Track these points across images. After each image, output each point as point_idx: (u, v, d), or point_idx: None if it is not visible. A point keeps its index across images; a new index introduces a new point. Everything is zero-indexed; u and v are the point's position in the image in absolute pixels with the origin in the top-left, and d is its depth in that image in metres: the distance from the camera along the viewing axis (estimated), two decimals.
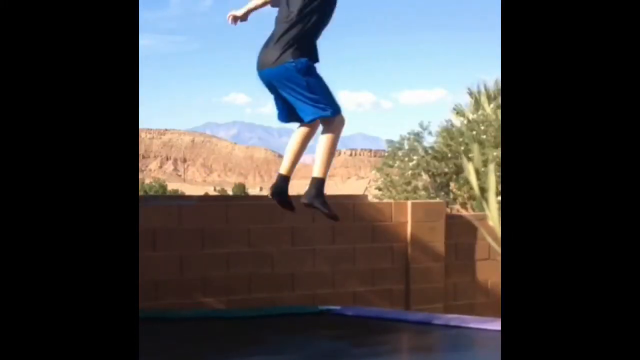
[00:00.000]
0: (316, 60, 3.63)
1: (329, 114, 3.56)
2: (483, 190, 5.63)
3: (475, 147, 6.72)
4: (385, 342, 3.83)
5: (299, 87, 3.52)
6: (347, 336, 3.89)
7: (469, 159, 5.78)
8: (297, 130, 3.74)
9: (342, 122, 3.63)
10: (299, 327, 4.10)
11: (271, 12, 3.69)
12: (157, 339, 3.75)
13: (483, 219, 5.73)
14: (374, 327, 4.11)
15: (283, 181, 3.78)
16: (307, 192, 3.69)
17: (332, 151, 3.67)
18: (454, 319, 4.28)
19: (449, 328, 4.08)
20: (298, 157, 3.79)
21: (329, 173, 3.74)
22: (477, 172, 5.50)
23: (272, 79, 3.58)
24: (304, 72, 3.51)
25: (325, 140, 3.60)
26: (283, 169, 3.76)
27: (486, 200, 5.54)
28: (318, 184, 3.67)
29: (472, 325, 4.02)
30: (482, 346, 3.67)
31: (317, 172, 3.66)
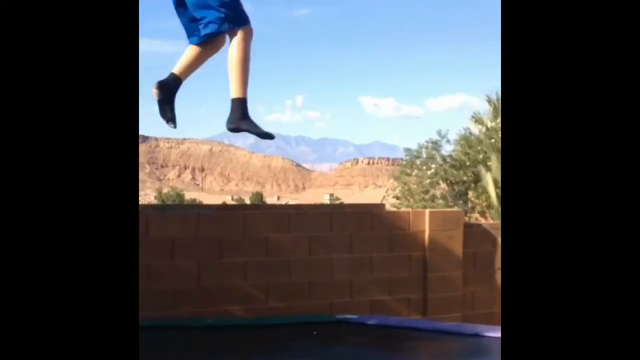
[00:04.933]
0: None
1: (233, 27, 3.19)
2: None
3: (493, 157, 6.68)
4: (405, 350, 3.82)
5: None
6: (367, 343, 3.89)
7: (487, 168, 5.76)
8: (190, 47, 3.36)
9: (250, 33, 3.23)
10: (317, 335, 4.10)
11: (285, 17, 3.61)
12: (172, 347, 3.76)
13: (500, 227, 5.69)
14: (394, 334, 4.10)
15: (173, 79, 3.40)
16: (230, 117, 3.29)
17: (247, 65, 3.23)
18: (474, 327, 4.26)
19: (470, 336, 4.06)
20: (196, 65, 3.42)
21: (346, 182, 3.71)
22: (496, 181, 5.47)
23: None
24: None
25: (236, 55, 3.21)
26: (178, 70, 3.40)
27: None
28: (240, 104, 3.24)
29: (492, 334, 4.00)
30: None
31: (235, 93, 3.24)
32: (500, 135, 8.92)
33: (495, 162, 5.59)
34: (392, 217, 5.45)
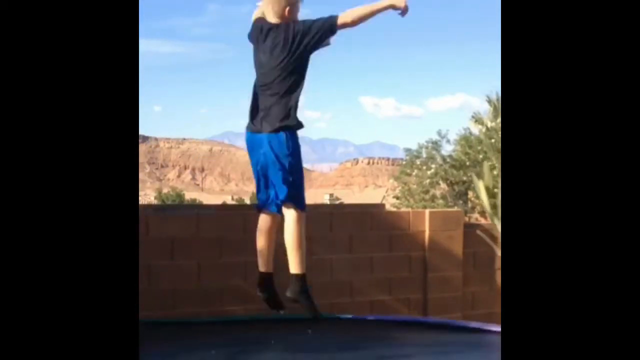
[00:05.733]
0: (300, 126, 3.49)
1: (301, 207, 3.52)
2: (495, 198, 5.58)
3: (485, 164, 6.65)
4: (401, 344, 3.84)
5: (282, 165, 3.43)
6: (362, 338, 3.91)
7: (479, 176, 5.73)
8: (261, 223, 3.70)
9: (304, 217, 3.56)
10: (312, 329, 4.11)
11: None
12: (171, 344, 3.76)
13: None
14: (390, 329, 4.11)
15: (268, 280, 3.76)
16: (291, 288, 3.66)
17: (303, 244, 3.57)
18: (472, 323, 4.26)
19: (467, 331, 4.07)
20: (272, 250, 3.74)
21: (346, 182, 3.72)
22: (487, 189, 5.44)
23: (259, 145, 3.47)
24: (291, 150, 3.43)
25: (293, 235, 3.53)
26: (263, 267, 3.73)
27: (496, 213, 5.48)
28: (300, 280, 3.63)
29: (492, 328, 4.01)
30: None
31: (294, 269, 3.61)
32: (500, 135, 8.92)
33: (487, 170, 5.54)
34: (392, 217, 5.45)
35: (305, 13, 3.65)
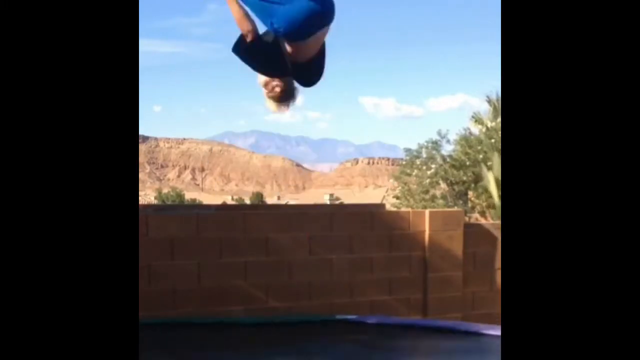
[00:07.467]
0: None
1: None
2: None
3: (495, 155, 6.66)
4: (403, 348, 3.84)
5: None
6: (366, 341, 3.91)
7: (489, 168, 5.75)
8: None
9: None
10: (317, 334, 4.11)
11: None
12: (173, 345, 3.77)
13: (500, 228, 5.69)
14: (392, 332, 4.10)
15: None
16: None
17: None
18: (474, 325, 4.26)
19: (470, 335, 4.06)
20: None
21: (346, 182, 3.66)
22: (497, 180, 5.46)
23: None
24: None
25: None
26: None
27: None
28: None
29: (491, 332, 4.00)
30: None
31: None
32: (500, 135, 8.92)
33: (497, 160, 5.55)
34: (392, 217, 5.45)
35: None
